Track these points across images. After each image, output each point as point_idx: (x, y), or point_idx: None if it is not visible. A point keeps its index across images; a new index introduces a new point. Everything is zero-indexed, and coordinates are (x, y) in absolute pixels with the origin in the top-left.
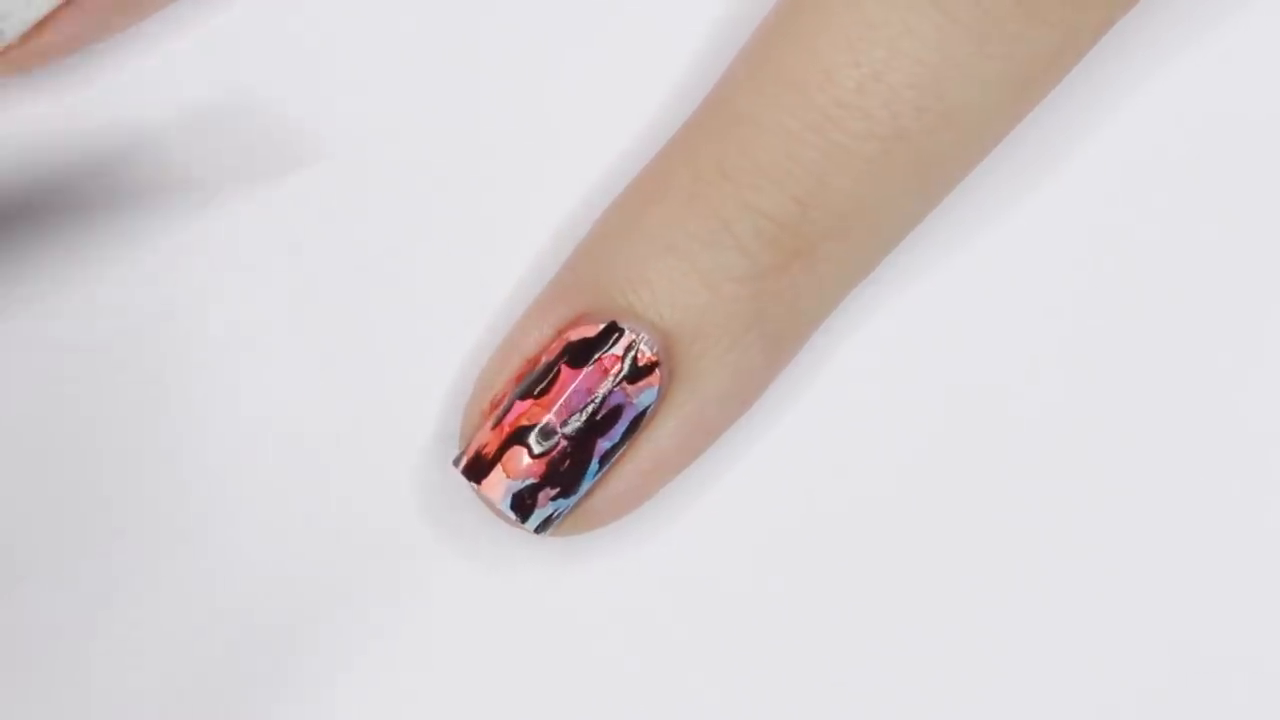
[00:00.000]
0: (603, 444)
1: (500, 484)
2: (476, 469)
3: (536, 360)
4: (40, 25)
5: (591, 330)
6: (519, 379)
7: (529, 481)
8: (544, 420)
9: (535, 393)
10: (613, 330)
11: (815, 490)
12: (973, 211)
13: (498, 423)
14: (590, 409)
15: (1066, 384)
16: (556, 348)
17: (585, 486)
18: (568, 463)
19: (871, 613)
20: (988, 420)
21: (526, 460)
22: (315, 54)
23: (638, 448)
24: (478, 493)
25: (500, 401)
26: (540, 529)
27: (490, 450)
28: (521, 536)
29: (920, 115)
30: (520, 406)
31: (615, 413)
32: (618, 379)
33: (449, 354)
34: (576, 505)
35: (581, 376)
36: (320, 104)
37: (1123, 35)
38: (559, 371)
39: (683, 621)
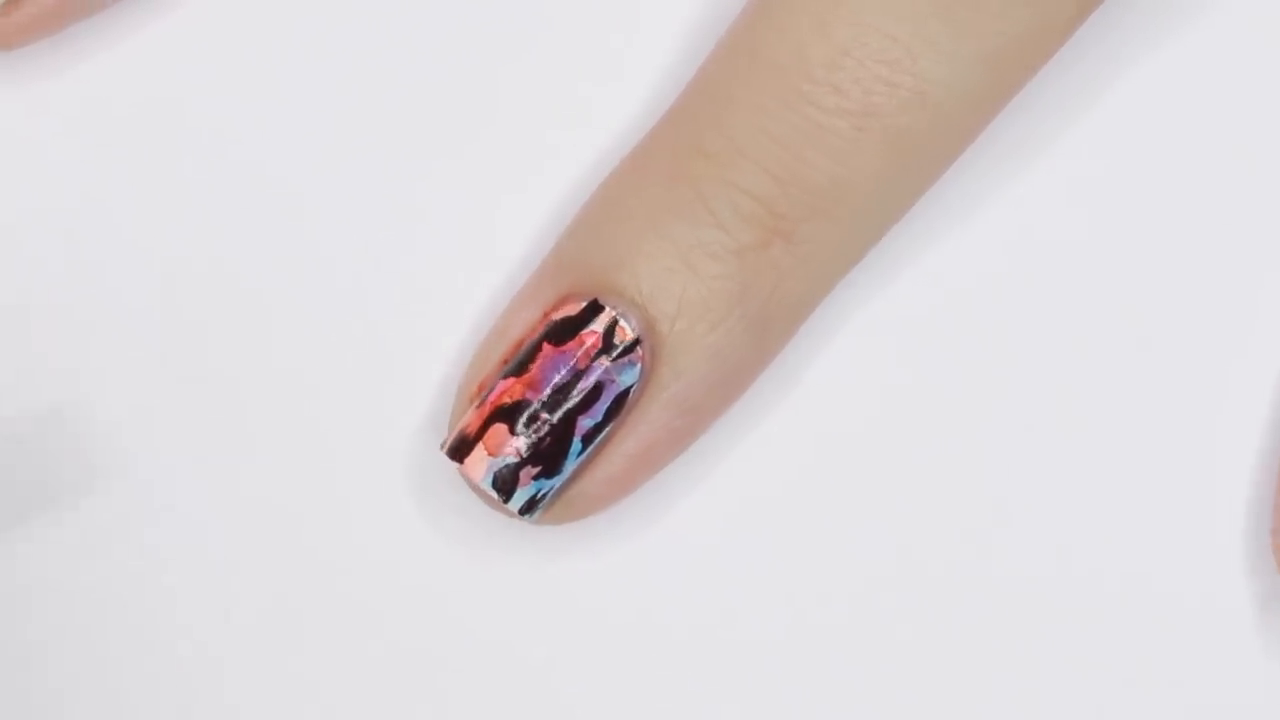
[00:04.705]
0: (584, 422)
1: (481, 462)
2: (460, 449)
3: (523, 343)
4: None
5: (574, 309)
6: (506, 362)
7: (510, 459)
8: (523, 396)
9: (517, 371)
10: (594, 308)
11: (809, 487)
12: (968, 206)
13: (481, 403)
14: (569, 385)
15: (1062, 381)
16: (540, 328)
17: (569, 467)
18: (548, 440)
19: (871, 615)
20: (983, 415)
21: (507, 437)
22: (305, 47)
23: (623, 430)
24: (461, 474)
25: (487, 385)
26: (525, 511)
27: (473, 430)
28: (514, 528)
29: (892, 91)
30: (502, 385)
31: (596, 390)
32: (597, 355)
33: (443, 343)
34: (563, 488)
35: (560, 353)
36: (313, 99)
37: (1115, 30)
38: (540, 349)
39: (678, 617)
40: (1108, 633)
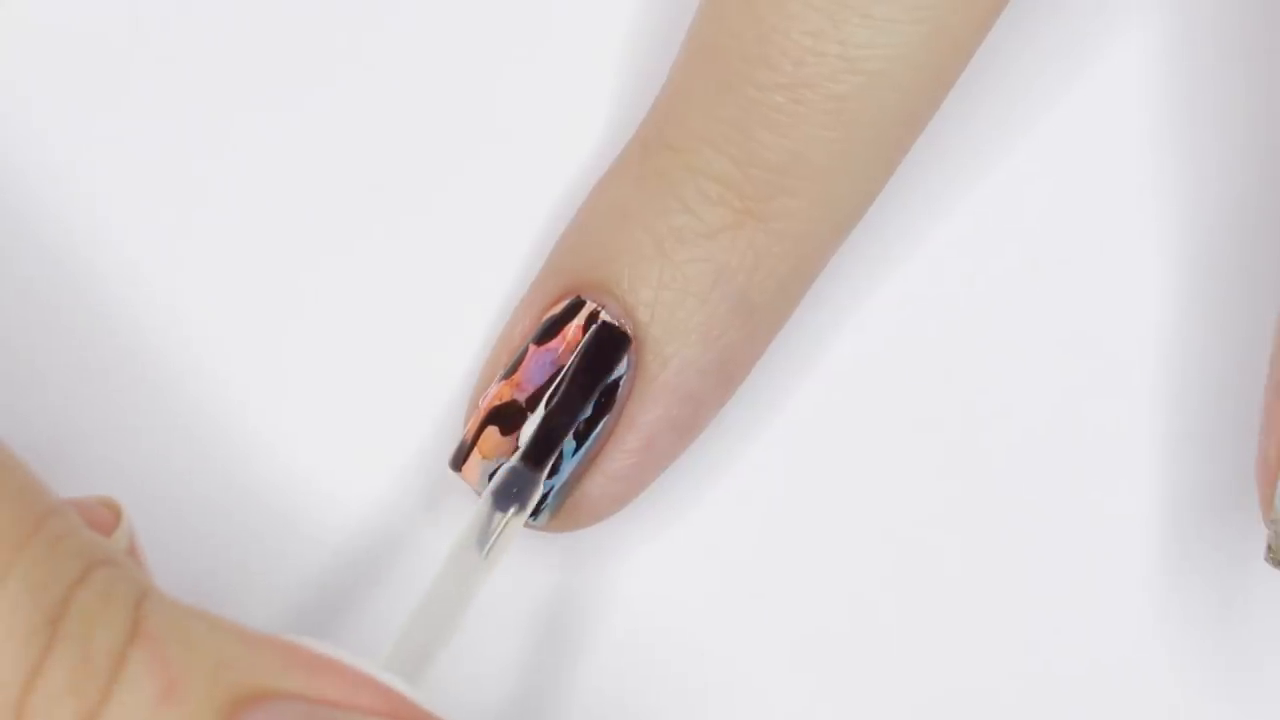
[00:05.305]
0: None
1: (476, 466)
2: (458, 457)
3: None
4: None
5: (559, 308)
6: None
7: (502, 460)
8: (511, 397)
9: (508, 375)
10: (575, 305)
11: (813, 493)
12: (967, 207)
13: (476, 410)
14: (554, 380)
15: (1064, 382)
16: (531, 331)
17: (568, 467)
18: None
19: (879, 623)
20: (987, 419)
21: (498, 439)
22: (303, 59)
23: (622, 425)
24: (464, 480)
25: (480, 392)
26: (531, 514)
27: (469, 436)
28: (529, 537)
29: (821, 60)
30: (493, 389)
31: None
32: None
33: (459, 360)
34: (566, 490)
35: (544, 350)
36: (314, 117)
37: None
38: (527, 350)
39: (688, 625)
40: (1108, 633)
